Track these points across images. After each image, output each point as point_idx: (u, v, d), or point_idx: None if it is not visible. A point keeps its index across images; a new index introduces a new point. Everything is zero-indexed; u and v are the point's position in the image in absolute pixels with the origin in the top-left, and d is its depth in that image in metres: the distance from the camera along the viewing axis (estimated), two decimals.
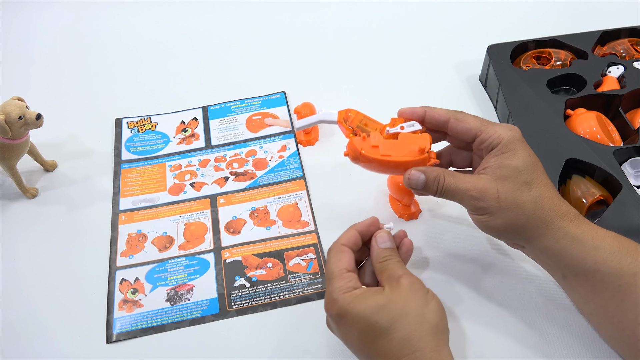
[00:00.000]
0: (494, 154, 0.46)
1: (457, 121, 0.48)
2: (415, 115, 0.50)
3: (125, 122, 0.72)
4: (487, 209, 0.45)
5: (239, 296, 0.55)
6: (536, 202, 0.44)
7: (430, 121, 0.50)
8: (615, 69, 0.67)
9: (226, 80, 0.78)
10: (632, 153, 0.59)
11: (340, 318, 0.42)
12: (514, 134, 0.46)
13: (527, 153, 0.46)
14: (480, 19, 0.84)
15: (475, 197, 0.45)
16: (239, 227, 0.61)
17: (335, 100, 0.73)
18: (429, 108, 0.50)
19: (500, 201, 0.44)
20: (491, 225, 0.46)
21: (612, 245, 0.43)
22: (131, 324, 0.54)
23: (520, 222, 0.45)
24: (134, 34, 0.86)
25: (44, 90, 0.78)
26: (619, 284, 0.42)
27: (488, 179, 0.45)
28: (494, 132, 0.46)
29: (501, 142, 0.46)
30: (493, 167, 0.46)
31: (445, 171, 0.47)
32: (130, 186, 0.65)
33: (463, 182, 0.46)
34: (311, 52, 0.81)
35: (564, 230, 0.44)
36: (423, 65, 0.78)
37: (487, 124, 0.48)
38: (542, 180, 0.46)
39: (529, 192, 0.45)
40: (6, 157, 0.61)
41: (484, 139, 0.47)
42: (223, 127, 0.71)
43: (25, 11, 0.91)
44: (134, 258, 0.59)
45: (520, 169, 0.45)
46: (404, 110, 0.51)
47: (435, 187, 0.47)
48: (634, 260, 0.42)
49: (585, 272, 0.43)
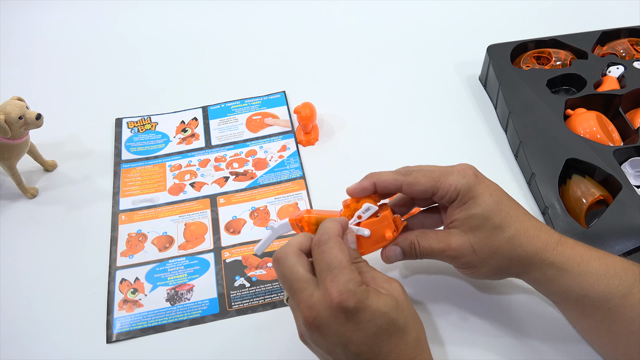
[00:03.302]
0: (456, 206, 0.45)
1: (409, 186, 0.46)
2: (366, 192, 0.47)
3: (125, 122, 0.72)
4: (468, 263, 0.45)
5: (239, 296, 0.55)
6: (513, 242, 0.44)
7: (382, 191, 0.47)
8: (615, 69, 0.67)
9: (226, 80, 0.78)
10: (632, 153, 0.59)
11: (356, 312, 0.38)
12: (468, 179, 0.45)
13: (488, 194, 0.45)
14: (480, 19, 0.84)
15: (453, 256, 0.45)
16: (239, 227, 0.61)
17: (335, 100, 0.74)
18: (376, 177, 0.47)
19: (477, 253, 0.44)
20: (477, 275, 0.46)
21: (599, 269, 0.42)
22: (131, 323, 0.54)
23: (504, 265, 0.44)
24: (134, 34, 0.86)
25: (44, 90, 0.78)
26: (608, 307, 0.42)
27: (459, 234, 0.45)
28: (449, 186, 0.45)
29: (459, 193, 0.45)
30: (460, 219, 0.45)
31: (417, 235, 0.46)
32: (130, 186, 0.65)
33: (437, 243, 0.45)
34: (311, 52, 0.82)
35: (549, 261, 0.43)
36: (423, 65, 0.78)
37: (439, 178, 0.45)
38: (512, 216, 0.44)
39: (502, 234, 0.44)
40: (6, 157, 0.61)
41: (442, 196, 0.46)
42: (223, 127, 0.71)
43: (25, 11, 0.91)
44: (134, 258, 0.59)
45: (486, 215, 0.44)
46: (352, 189, 0.47)
47: (414, 253, 0.46)
48: (621, 282, 0.42)
49: (574, 298, 0.43)
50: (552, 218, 0.56)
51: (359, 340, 0.38)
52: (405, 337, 0.39)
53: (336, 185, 0.64)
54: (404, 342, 0.39)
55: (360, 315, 0.38)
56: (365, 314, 0.38)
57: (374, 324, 0.38)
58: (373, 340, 0.38)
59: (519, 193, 0.62)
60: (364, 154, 0.67)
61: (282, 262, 0.41)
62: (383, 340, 0.38)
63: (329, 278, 0.39)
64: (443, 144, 0.68)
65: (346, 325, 0.38)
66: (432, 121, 0.70)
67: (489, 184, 0.46)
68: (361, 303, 0.38)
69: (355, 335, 0.38)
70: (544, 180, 0.59)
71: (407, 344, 0.39)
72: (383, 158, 0.66)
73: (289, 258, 0.41)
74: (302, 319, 0.40)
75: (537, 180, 0.59)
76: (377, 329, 0.38)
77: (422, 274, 0.55)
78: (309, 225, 0.47)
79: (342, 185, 0.50)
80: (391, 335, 0.39)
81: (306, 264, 0.41)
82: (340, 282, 0.38)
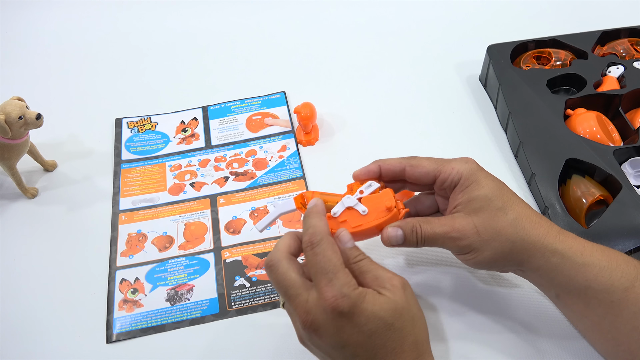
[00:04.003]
0: (459, 190, 0.46)
1: (412, 167, 0.48)
2: (372, 174, 0.49)
3: (125, 122, 0.72)
4: (470, 246, 0.45)
5: (239, 296, 0.55)
6: (516, 225, 0.44)
7: (386, 174, 0.49)
8: (615, 69, 0.67)
9: (226, 80, 0.78)
10: (632, 153, 0.59)
11: (351, 316, 0.39)
12: (471, 165, 0.46)
13: (490, 179, 0.46)
14: (480, 19, 0.84)
15: (456, 238, 0.45)
16: (239, 227, 0.61)
17: (335, 100, 0.74)
18: (381, 161, 0.49)
19: (480, 234, 0.44)
20: (479, 260, 0.45)
21: (601, 260, 0.43)
22: (131, 323, 0.54)
23: (507, 248, 0.44)
24: (134, 34, 0.86)
25: (44, 90, 0.78)
26: (611, 300, 0.42)
27: (462, 217, 0.45)
28: (452, 169, 0.46)
29: (462, 176, 0.46)
30: (463, 203, 0.45)
31: (420, 220, 0.46)
32: (130, 186, 0.65)
33: (440, 226, 0.45)
34: (311, 52, 0.82)
35: (552, 247, 0.43)
36: (423, 65, 0.78)
37: (443, 163, 0.47)
38: (514, 200, 0.45)
39: (506, 216, 0.44)
40: (6, 157, 0.61)
41: (444, 179, 0.46)
42: (223, 127, 0.71)
43: (25, 11, 0.91)
44: (134, 258, 0.59)
45: (489, 196, 0.45)
46: (358, 172, 0.49)
47: (415, 238, 0.46)
48: (624, 275, 0.42)
49: (577, 289, 0.43)
50: (552, 218, 0.56)
51: (356, 342, 0.39)
52: (401, 340, 0.39)
53: (336, 185, 0.64)
54: (399, 345, 0.39)
55: (356, 319, 0.39)
56: (360, 317, 0.39)
57: (368, 328, 0.39)
58: (369, 343, 0.39)
59: (519, 193, 0.61)
60: (364, 154, 0.67)
61: (274, 269, 0.42)
62: (378, 343, 0.39)
63: (324, 282, 0.39)
64: (443, 144, 0.68)
65: (342, 328, 0.39)
66: (432, 121, 0.70)
67: (489, 173, 0.47)
68: (356, 307, 0.38)
69: (352, 337, 0.39)
70: (544, 180, 0.59)
71: (404, 348, 0.39)
72: (383, 158, 0.66)
73: (280, 265, 0.42)
74: (300, 322, 0.40)
75: (537, 180, 0.59)
76: (372, 333, 0.39)
77: (421, 268, 0.55)
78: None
79: (342, 185, 0.50)
80: (387, 338, 0.39)
81: (298, 267, 0.42)
82: (335, 286, 0.39)
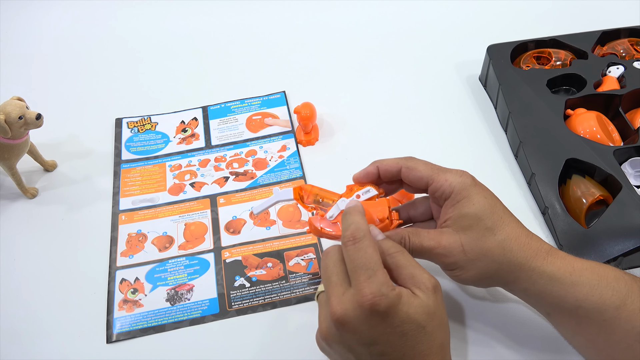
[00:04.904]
0: (450, 204, 0.46)
1: (408, 170, 0.47)
2: (371, 176, 0.49)
3: (125, 122, 0.72)
4: (456, 263, 0.44)
5: (239, 296, 0.55)
6: (503, 247, 0.43)
7: (384, 175, 0.49)
8: (615, 69, 0.67)
9: (226, 80, 0.78)
10: (632, 153, 0.59)
11: (386, 316, 0.38)
12: (464, 179, 0.45)
13: (482, 196, 0.45)
14: (480, 19, 0.84)
15: (442, 254, 0.44)
16: (239, 227, 0.61)
17: (335, 100, 0.74)
18: (379, 162, 0.49)
19: (467, 254, 0.44)
20: (464, 278, 0.45)
21: (591, 278, 0.42)
22: (131, 324, 0.54)
23: (492, 269, 0.44)
24: (134, 34, 0.86)
25: (44, 90, 0.78)
26: (603, 319, 0.41)
27: (450, 233, 0.45)
28: (445, 181, 0.45)
29: (453, 190, 0.45)
30: (453, 218, 0.45)
31: (409, 232, 0.46)
32: (130, 186, 0.65)
33: (427, 240, 0.45)
34: (311, 52, 0.81)
35: (540, 270, 0.43)
36: (423, 65, 0.78)
37: (438, 172, 0.46)
38: (505, 220, 0.44)
39: (494, 237, 0.43)
40: (6, 157, 0.61)
41: (436, 189, 0.46)
42: (223, 127, 0.71)
43: (25, 11, 0.91)
44: (134, 258, 0.59)
45: (479, 215, 0.44)
46: (357, 175, 0.50)
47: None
48: (615, 293, 0.41)
49: (568, 309, 0.43)
50: (552, 218, 0.56)
51: (385, 341, 0.39)
52: (430, 343, 0.39)
53: (336, 185, 0.64)
54: (428, 348, 0.39)
55: (390, 319, 0.38)
56: (395, 318, 0.38)
57: (402, 329, 0.39)
58: (399, 343, 0.39)
59: (519, 193, 0.62)
60: (364, 154, 0.66)
61: (330, 256, 0.43)
62: (408, 344, 0.39)
63: (363, 277, 0.39)
64: (443, 144, 0.68)
65: (374, 326, 0.39)
66: (432, 121, 0.70)
67: (484, 188, 0.46)
68: (392, 308, 0.38)
69: (382, 336, 0.39)
70: (544, 180, 0.59)
71: (432, 350, 0.39)
72: (383, 158, 0.66)
73: (336, 255, 0.43)
74: (330, 313, 0.40)
75: (537, 180, 0.59)
76: (405, 334, 0.39)
77: None
78: (309, 195, 0.51)
79: (342, 186, 0.50)
80: (417, 341, 0.39)
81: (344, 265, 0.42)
82: (373, 284, 0.39)
